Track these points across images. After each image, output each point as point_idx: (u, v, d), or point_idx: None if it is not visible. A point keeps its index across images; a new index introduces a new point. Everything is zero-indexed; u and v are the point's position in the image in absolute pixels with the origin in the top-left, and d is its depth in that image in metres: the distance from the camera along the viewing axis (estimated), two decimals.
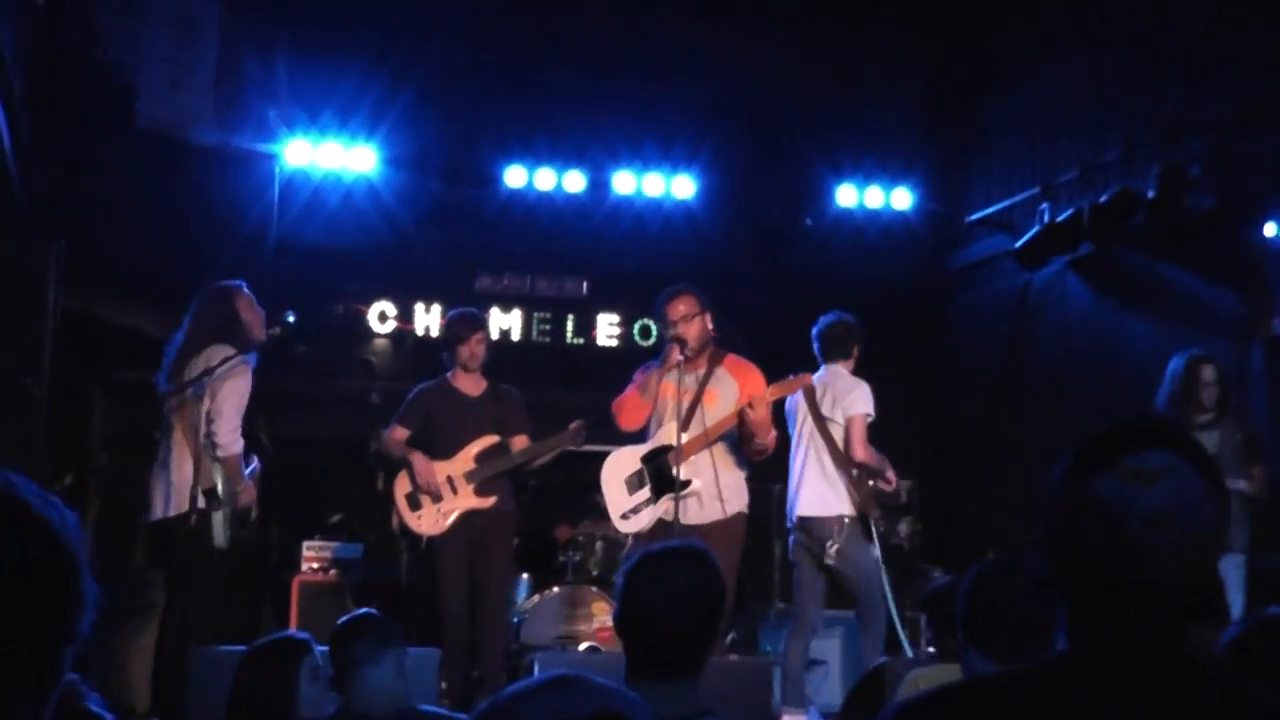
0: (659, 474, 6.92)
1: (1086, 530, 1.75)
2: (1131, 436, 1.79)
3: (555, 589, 8.43)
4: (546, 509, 9.34)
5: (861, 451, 7.28)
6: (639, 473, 7.00)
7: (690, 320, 6.92)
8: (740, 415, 6.72)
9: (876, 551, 7.34)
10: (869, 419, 7.38)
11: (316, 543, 9.27)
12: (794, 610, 7.69)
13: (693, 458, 6.81)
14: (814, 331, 7.68)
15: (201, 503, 6.50)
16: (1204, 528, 1.75)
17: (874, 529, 7.33)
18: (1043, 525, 1.81)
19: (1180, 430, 1.83)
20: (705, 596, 3.10)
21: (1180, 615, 1.75)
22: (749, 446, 6.89)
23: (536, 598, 8.50)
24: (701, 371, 6.98)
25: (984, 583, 3.28)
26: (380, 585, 8.88)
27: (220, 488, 6.63)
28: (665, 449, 6.89)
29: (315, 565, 9.17)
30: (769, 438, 6.82)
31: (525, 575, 8.93)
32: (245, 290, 6.99)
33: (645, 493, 6.97)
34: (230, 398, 6.63)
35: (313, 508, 9.98)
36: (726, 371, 6.97)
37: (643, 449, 7.05)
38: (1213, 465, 1.79)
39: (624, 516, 7.00)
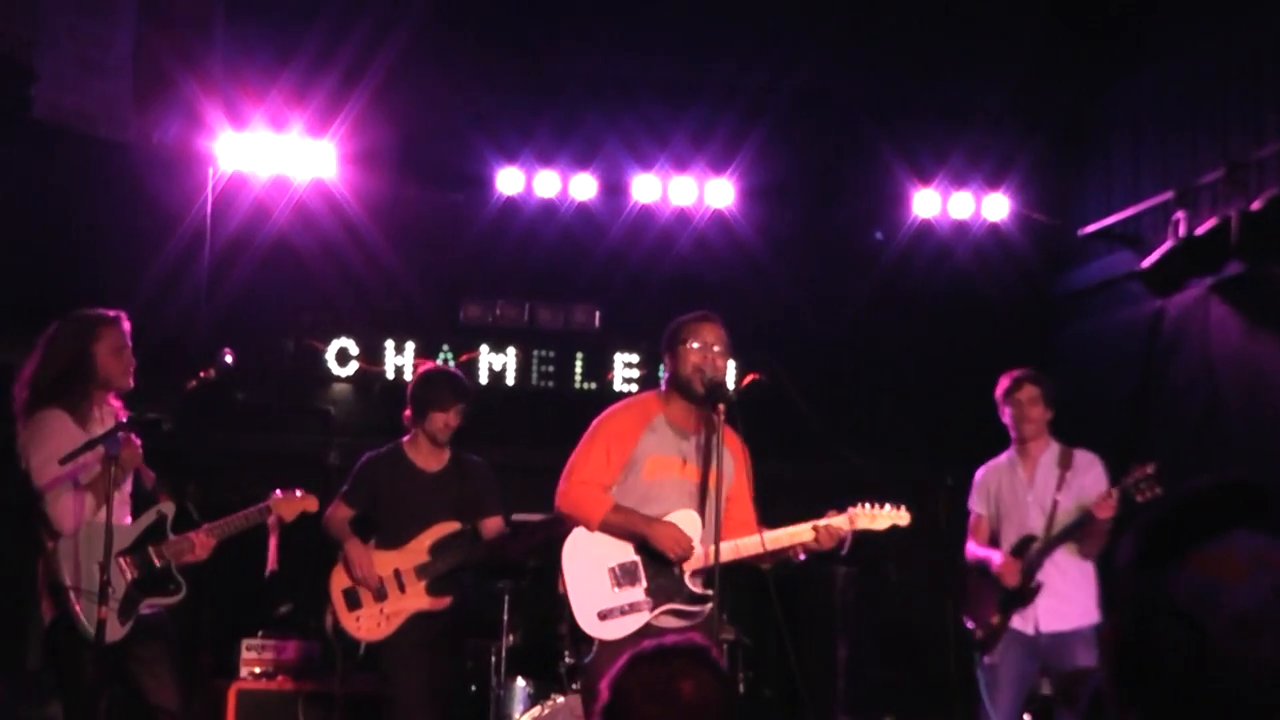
0: (662, 577, 6.59)
1: (1162, 639, 1.73)
2: (1210, 513, 1.76)
3: (560, 699, 8.25)
4: (549, 598, 9.14)
5: None
6: (632, 565, 6.60)
7: (728, 352, 6.66)
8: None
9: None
10: None
11: (259, 641, 9.25)
12: None
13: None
14: None
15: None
16: None
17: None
18: (1110, 628, 1.80)
19: (1274, 497, 1.77)
20: (720, 712, 3.06)
21: None
22: (766, 559, 6.67)
23: (537, 710, 8.34)
24: (699, 434, 6.68)
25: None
26: (342, 696, 8.77)
27: (64, 572, 6.55)
28: None
29: (258, 669, 9.13)
30: None
31: (522, 682, 8.82)
32: (119, 324, 6.95)
33: (638, 593, 6.58)
34: (37, 462, 6.58)
35: (255, 596, 9.90)
36: (724, 442, 6.55)
37: None
38: None
39: (601, 617, 6.55)
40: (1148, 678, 1.76)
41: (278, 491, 7.20)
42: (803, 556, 6.69)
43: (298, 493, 7.24)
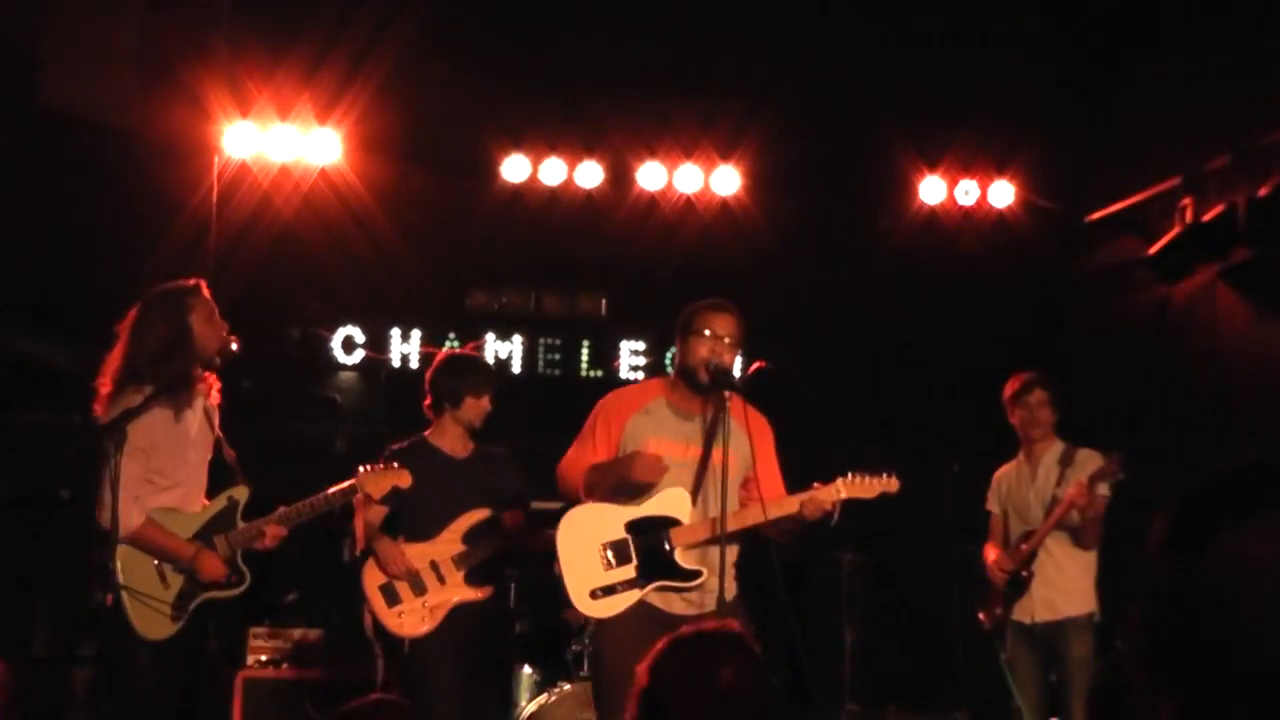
0: (651, 554, 6.53)
1: (1191, 623, 1.74)
2: (1233, 497, 1.76)
3: (567, 686, 8.32)
4: (555, 586, 9.15)
5: None
6: (622, 543, 6.54)
7: (737, 345, 6.63)
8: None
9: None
10: None
11: (266, 629, 9.20)
12: None
13: (703, 544, 6.50)
14: None
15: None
16: None
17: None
18: (1140, 611, 1.80)
19: None
20: (756, 699, 3.12)
21: None
22: (774, 531, 6.59)
23: (544, 698, 8.38)
24: (704, 416, 6.61)
25: (1110, 684, 3.38)
26: (348, 684, 8.44)
27: (116, 566, 6.33)
28: (665, 521, 6.54)
29: (264, 657, 9.11)
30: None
31: (528, 670, 8.86)
32: (203, 292, 6.67)
33: (628, 571, 6.53)
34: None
35: (262, 584, 9.74)
36: (735, 421, 6.46)
37: (628, 511, 6.59)
38: None
39: (593, 595, 6.51)
40: (1179, 659, 1.76)
41: (363, 467, 6.88)
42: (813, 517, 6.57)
43: (381, 466, 6.93)
